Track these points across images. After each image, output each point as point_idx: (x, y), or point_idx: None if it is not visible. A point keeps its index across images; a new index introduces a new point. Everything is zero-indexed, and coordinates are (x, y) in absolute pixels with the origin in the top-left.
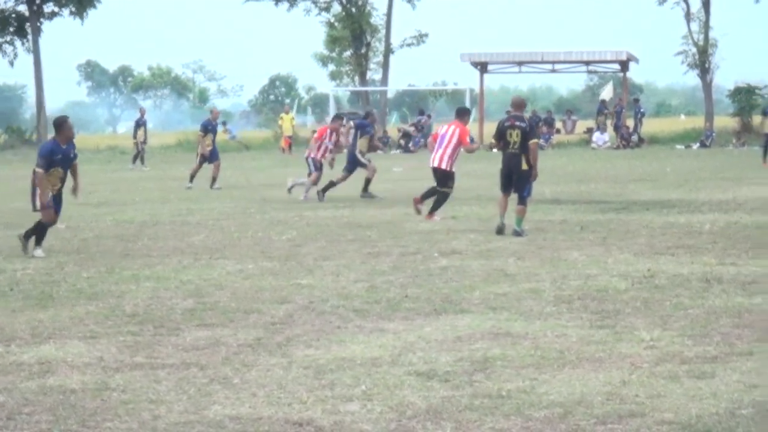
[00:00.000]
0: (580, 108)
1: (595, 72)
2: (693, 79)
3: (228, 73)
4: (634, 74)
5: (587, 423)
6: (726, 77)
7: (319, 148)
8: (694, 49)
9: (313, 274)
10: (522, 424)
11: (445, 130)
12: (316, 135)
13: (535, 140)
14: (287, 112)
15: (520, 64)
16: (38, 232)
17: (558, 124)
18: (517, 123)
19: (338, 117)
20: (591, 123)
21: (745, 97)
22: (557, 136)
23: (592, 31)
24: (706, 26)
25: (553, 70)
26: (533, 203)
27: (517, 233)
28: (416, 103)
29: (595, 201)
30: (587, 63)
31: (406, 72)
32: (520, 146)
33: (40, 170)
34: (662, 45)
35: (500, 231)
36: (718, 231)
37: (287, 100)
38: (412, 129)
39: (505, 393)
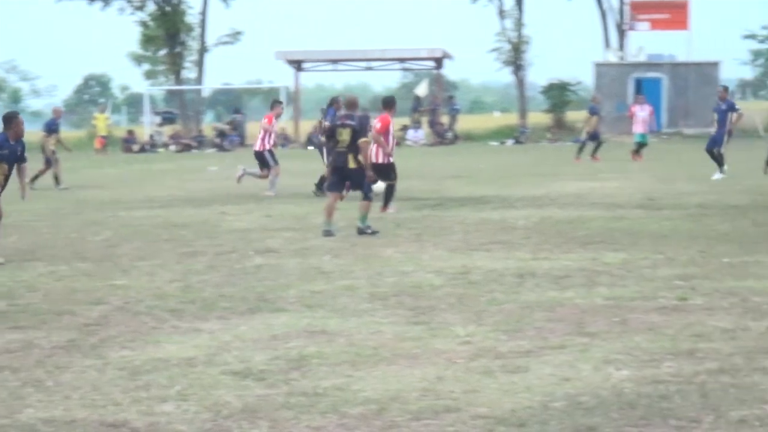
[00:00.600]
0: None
1: (411, 69)
2: (507, 76)
3: (42, 73)
4: (450, 71)
5: (402, 419)
6: (539, 74)
7: (267, 137)
8: (508, 46)
9: (128, 275)
10: (338, 421)
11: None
12: (265, 122)
13: (365, 139)
14: (102, 112)
15: (335, 62)
16: None
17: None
18: (348, 122)
19: (277, 102)
20: (406, 120)
21: (557, 94)
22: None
23: (408, 29)
24: (519, 23)
25: (369, 68)
26: (348, 200)
27: (362, 231)
28: (231, 101)
29: (410, 198)
30: (402, 60)
31: (222, 71)
32: (348, 145)
33: None
34: (477, 42)
35: (329, 234)
36: (532, 226)
37: (101, 100)
38: (227, 127)
39: (321, 391)
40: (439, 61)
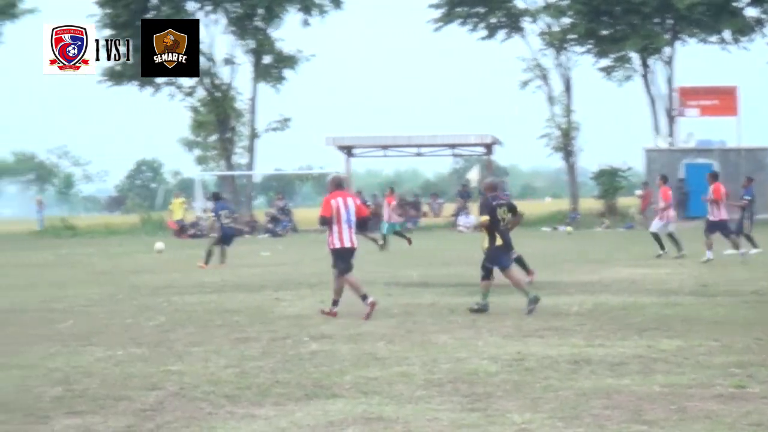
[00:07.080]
0: (446, 191)
1: (461, 155)
2: (557, 161)
3: (93, 158)
4: (500, 157)
5: None
6: (589, 159)
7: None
8: (558, 132)
9: (182, 360)
10: None
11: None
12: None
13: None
14: (178, 197)
15: (385, 147)
16: None
17: (425, 207)
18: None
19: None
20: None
21: (608, 179)
22: (424, 219)
23: (457, 115)
24: (568, 109)
25: (419, 154)
26: (401, 286)
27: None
28: (282, 187)
29: (462, 284)
30: (452, 146)
31: (272, 156)
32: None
33: None
34: (527, 128)
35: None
36: (586, 312)
37: (161, 186)
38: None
39: None
40: (489, 147)
